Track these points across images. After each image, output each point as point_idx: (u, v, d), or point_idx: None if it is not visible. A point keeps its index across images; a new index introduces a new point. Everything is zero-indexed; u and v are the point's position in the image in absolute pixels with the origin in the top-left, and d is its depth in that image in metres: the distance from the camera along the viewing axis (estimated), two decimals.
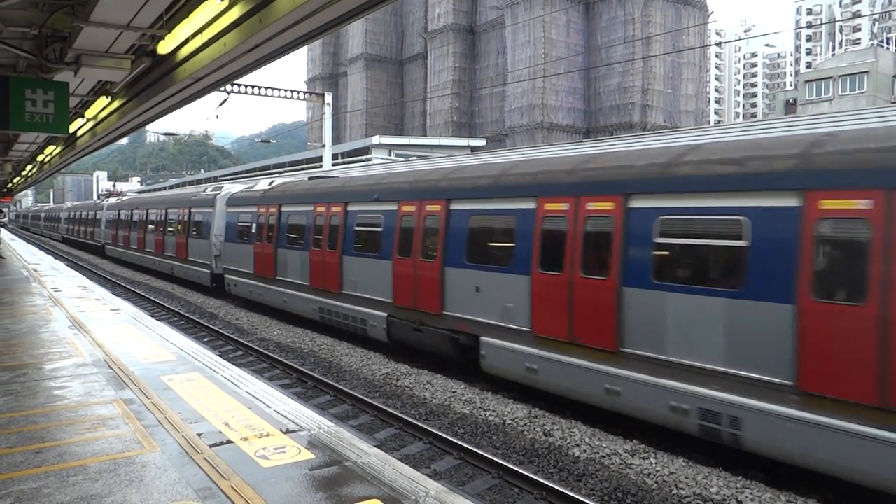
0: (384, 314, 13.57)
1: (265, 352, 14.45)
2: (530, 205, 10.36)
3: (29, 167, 32.46)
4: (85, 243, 50.16)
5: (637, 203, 8.79)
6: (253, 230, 19.64)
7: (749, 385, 7.41)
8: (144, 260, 32.10)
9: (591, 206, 9.40)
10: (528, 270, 10.20)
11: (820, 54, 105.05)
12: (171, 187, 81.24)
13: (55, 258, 33.90)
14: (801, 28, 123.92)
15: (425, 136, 74.29)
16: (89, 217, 48.87)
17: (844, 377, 6.65)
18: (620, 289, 8.81)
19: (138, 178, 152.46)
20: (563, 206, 9.82)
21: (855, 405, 6.56)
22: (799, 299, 7.01)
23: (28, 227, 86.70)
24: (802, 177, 7.20)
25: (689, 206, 8.23)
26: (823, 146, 7.37)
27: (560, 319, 9.63)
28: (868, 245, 6.62)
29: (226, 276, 21.80)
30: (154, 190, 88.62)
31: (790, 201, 7.23)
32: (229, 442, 5.78)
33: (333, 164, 39.22)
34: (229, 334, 16.53)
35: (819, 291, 6.93)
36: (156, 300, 22.63)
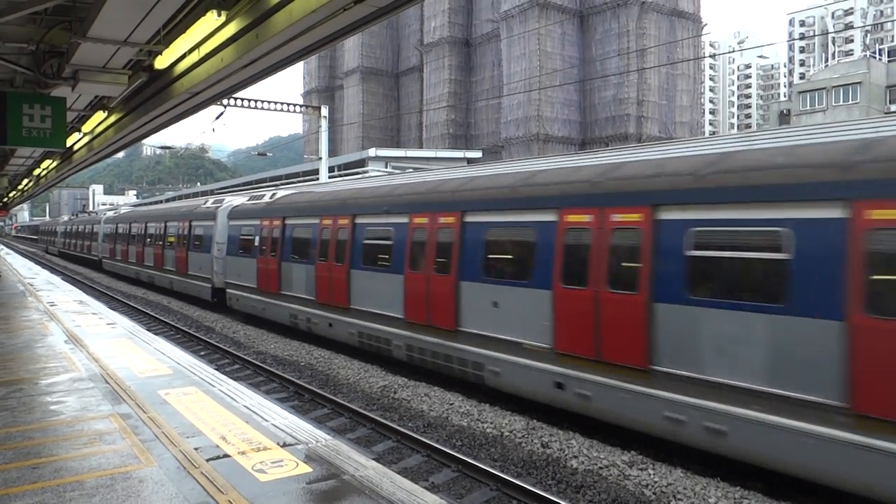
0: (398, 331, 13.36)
1: (262, 365, 14.42)
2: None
3: (25, 181, 32.47)
4: (82, 257, 49.14)
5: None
6: (256, 243, 19.40)
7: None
8: (142, 274, 31.72)
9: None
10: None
11: (813, 65, 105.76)
12: (167, 200, 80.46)
13: (51, 272, 33.83)
14: (794, 39, 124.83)
15: (422, 148, 74.48)
16: (86, 231, 48.07)
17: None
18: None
19: (134, 192, 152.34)
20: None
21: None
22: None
23: (48, 247, 75.23)
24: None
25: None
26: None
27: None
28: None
29: (227, 290, 21.64)
30: (152, 203, 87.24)
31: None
32: (226, 456, 5.77)
33: (330, 177, 39.25)
34: (226, 348, 16.49)
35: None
36: (152, 314, 22.58)
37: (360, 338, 14.49)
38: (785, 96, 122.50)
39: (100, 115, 13.99)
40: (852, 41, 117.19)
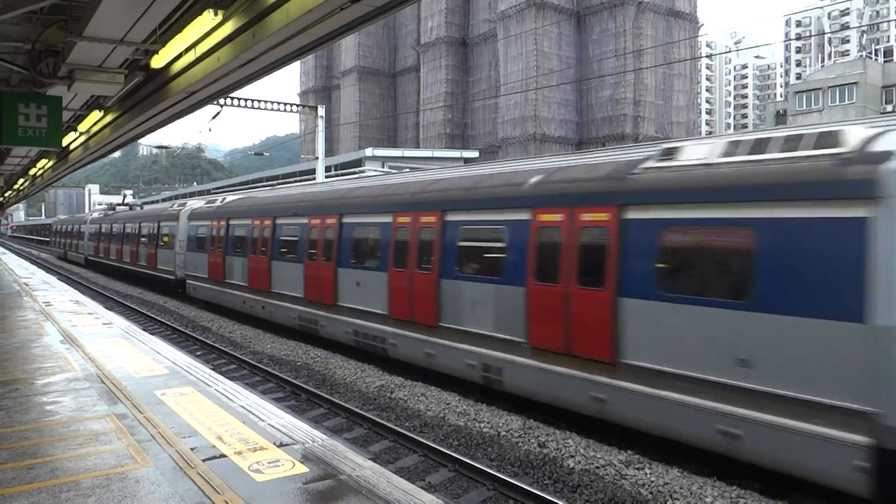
0: None
1: (259, 365, 14.40)
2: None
3: (21, 181, 32.41)
4: (137, 273, 32.37)
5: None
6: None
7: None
8: (338, 325, 15.14)
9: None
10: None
11: (809, 66, 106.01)
12: (220, 189, 69.62)
13: (46, 272, 33.74)
14: (790, 40, 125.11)
15: (418, 148, 74.49)
16: (145, 232, 31.27)
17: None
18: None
19: (130, 192, 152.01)
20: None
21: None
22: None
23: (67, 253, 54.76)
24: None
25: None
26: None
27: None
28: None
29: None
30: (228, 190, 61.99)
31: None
32: (223, 456, 5.76)
33: (327, 177, 39.18)
34: (222, 348, 16.47)
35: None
36: (149, 314, 22.54)
37: None
38: (781, 96, 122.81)
39: (96, 115, 13.97)
40: (849, 42, 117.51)
